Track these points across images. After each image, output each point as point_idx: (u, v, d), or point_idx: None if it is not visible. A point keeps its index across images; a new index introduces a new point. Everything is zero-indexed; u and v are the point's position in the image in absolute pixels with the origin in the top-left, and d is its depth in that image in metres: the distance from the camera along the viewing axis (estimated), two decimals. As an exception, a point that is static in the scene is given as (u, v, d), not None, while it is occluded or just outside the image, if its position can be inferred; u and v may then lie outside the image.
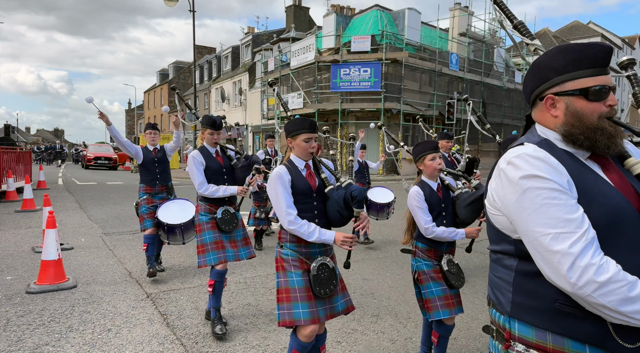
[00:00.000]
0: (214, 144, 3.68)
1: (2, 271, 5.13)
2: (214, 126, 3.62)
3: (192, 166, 3.52)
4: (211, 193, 3.54)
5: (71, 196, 12.57)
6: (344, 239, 2.40)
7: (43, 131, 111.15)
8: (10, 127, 37.75)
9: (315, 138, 2.52)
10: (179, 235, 4.63)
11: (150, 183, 5.04)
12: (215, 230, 3.57)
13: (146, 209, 4.96)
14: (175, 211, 4.68)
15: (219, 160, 3.68)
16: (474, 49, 25.11)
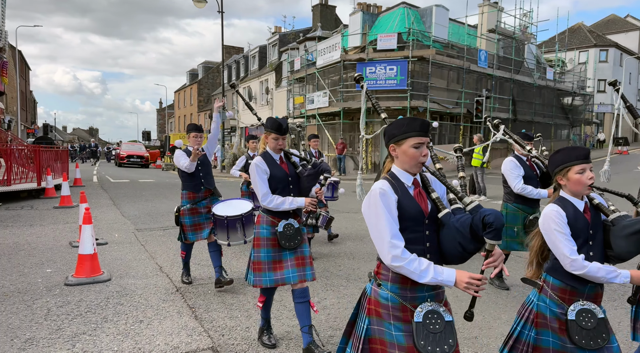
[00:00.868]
0: (278, 150, 3.28)
1: (42, 264, 5.44)
2: (279, 130, 3.23)
3: (256, 175, 3.16)
4: (276, 206, 3.16)
5: (105, 193, 13.06)
6: (469, 281, 1.77)
7: (79, 129, 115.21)
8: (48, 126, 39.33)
9: (427, 142, 1.94)
10: (240, 231, 4.34)
11: (194, 188, 4.64)
12: (276, 248, 3.20)
13: (190, 220, 4.60)
14: (230, 208, 4.43)
15: (283, 168, 3.28)
16: (504, 46, 24.59)
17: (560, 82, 28.72)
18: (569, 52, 34.21)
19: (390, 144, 1.96)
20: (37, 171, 11.77)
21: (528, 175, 4.50)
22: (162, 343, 3.37)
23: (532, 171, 4.58)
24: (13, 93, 36.33)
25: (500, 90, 23.69)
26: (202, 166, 4.66)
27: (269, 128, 3.26)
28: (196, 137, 4.64)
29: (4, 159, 10.94)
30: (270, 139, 3.27)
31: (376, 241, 1.86)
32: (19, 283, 4.70)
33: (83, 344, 3.31)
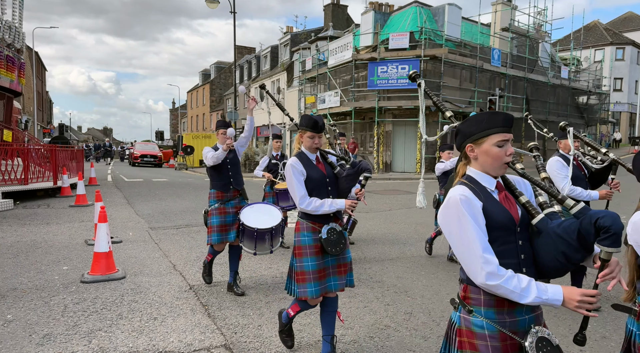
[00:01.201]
0: (314, 149, 3.06)
1: (59, 261, 5.54)
2: (315, 127, 3.02)
3: (292, 177, 2.95)
4: (315, 209, 2.95)
5: (119, 192, 13.24)
6: (581, 298, 1.51)
7: (93, 129, 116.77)
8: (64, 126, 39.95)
9: (510, 139, 1.68)
10: (268, 242, 4.20)
11: (222, 187, 4.47)
12: (319, 256, 2.99)
13: (218, 220, 4.40)
14: (259, 216, 4.26)
15: (320, 168, 3.07)
16: (517, 44, 24.33)
17: (575, 81, 28.31)
18: (585, 50, 33.72)
19: (466, 144, 1.70)
20: (54, 171, 11.97)
21: (576, 175, 4.20)
22: (176, 340, 3.41)
23: (580, 171, 4.33)
24: (30, 94, 36.98)
25: (514, 89, 23.45)
26: (232, 164, 4.50)
27: (303, 126, 3.03)
28: (224, 134, 4.44)
29: (22, 159, 11.15)
30: (306, 138, 3.04)
31: (463, 258, 1.58)
32: (37, 280, 4.79)
33: (99, 340, 3.37)
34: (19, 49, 14.84)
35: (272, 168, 6.48)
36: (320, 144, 3.06)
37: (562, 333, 3.66)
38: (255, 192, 14.01)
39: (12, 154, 11.31)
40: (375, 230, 7.88)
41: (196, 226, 8.05)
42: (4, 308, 3.96)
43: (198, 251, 6.18)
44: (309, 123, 3.02)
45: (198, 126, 52.98)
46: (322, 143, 3.09)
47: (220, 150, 4.30)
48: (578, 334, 1.66)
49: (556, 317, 4.00)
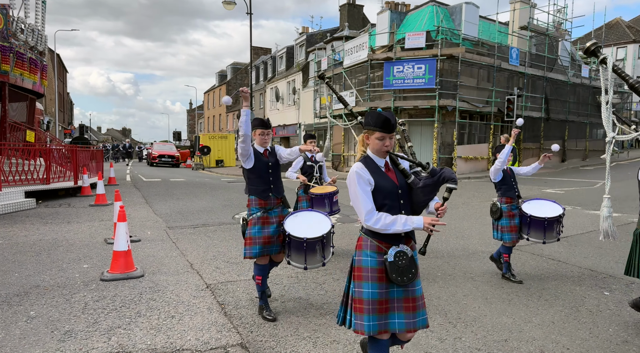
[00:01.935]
0: (384, 153, 2.51)
1: (79, 259, 5.66)
2: (386, 126, 2.44)
3: (357, 188, 2.41)
4: (384, 227, 2.39)
5: (138, 191, 13.44)
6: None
7: (112, 130, 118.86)
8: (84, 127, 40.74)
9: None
10: (319, 253, 3.71)
11: (262, 194, 3.94)
12: (383, 283, 2.43)
13: (259, 231, 3.88)
14: (306, 224, 3.81)
15: (391, 176, 2.51)
16: (536, 43, 23.94)
17: (597, 80, 27.73)
18: (606, 48, 33.01)
19: None
20: (74, 170, 12.23)
21: None
22: (193, 338, 3.46)
23: None
24: (52, 95, 37.82)
25: (533, 88, 23.08)
26: (273, 169, 3.99)
27: (370, 125, 2.48)
28: (262, 134, 3.95)
29: (44, 159, 11.41)
30: (373, 140, 2.49)
31: None
32: (58, 277, 4.90)
33: (118, 338, 3.44)
34: (41, 52, 15.19)
35: (307, 170, 5.99)
36: (391, 146, 2.50)
37: (582, 336, 3.59)
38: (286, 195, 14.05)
39: (35, 154, 11.58)
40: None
41: (212, 225, 8.13)
42: (27, 305, 4.06)
43: (215, 250, 6.24)
44: (378, 121, 2.45)
45: (215, 126, 53.48)
46: (393, 145, 2.53)
47: (242, 130, 3.79)
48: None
49: (576, 320, 3.93)
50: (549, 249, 6.40)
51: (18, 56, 13.24)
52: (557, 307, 4.22)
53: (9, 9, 12.78)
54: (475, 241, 7.03)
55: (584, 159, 26.60)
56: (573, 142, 25.80)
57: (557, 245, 6.74)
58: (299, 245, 3.66)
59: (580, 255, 6.14)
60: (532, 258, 5.94)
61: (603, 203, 3.37)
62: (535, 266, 5.63)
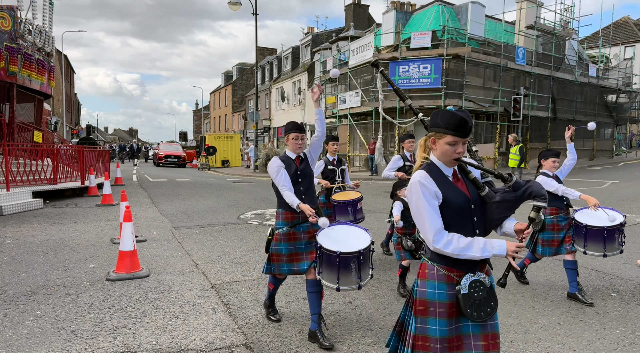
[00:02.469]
0: (454, 161, 2.05)
1: (86, 259, 5.69)
2: (462, 129, 2.00)
3: (421, 201, 1.98)
4: (458, 252, 1.94)
5: (144, 191, 13.51)
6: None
7: (119, 130, 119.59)
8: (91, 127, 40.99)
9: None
10: (354, 272, 3.17)
11: (291, 206, 3.46)
12: (453, 319, 2.00)
13: (287, 248, 3.51)
14: (341, 237, 3.34)
15: (461, 188, 2.07)
16: (543, 42, 23.78)
17: (604, 79, 27.51)
18: (614, 47, 32.72)
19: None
20: (81, 171, 12.31)
21: None
22: (198, 338, 3.47)
23: None
24: (59, 96, 38.11)
25: (539, 88, 22.95)
26: (304, 177, 3.59)
27: (440, 127, 2.03)
28: (296, 139, 3.59)
29: (51, 159, 11.50)
30: (442, 145, 2.04)
31: None
32: (65, 277, 4.94)
33: (124, 337, 3.45)
34: (48, 53, 15.31)
35: (328, 175, 5.59)
36: (463, 152, 2.04)
37: (589, 338, 3.56)
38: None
39: (42, 154, 11.67)
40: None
41: (218, 225, 8.16)
42: (33, 305, 4.10)
43: (220, 251, 6.25)
44: (452, 123, 2.00)
45: (220, 126, 53.66)
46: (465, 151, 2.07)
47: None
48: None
49: (582, 321, 3.90)
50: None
51: (26, 57, 13.36)
52: (564, 308, 4.18)
53: (17, 10, 12.90)
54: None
55: (591, 159, 26.40)
56: (580, 142, 25.60)
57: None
58: (331, 260, 3.16)
59: (588, 256, 6.09)
60: (542, 260, 5.90)
61: None
62: (541, 267, 5.60)
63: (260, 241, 6.90)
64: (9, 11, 12.63)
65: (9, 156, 9.70)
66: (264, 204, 10.99)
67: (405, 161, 5.53)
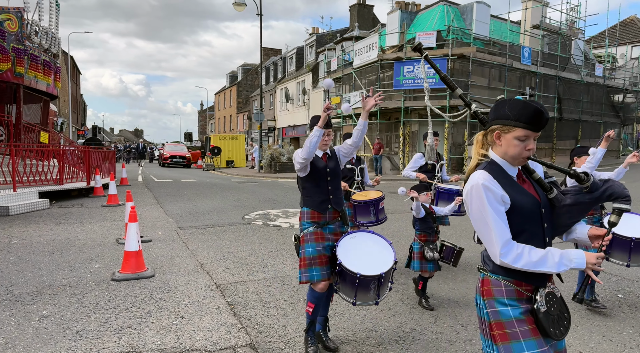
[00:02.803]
0: (523, 159, 1.78)
1: (91, 259, 5.72)
2: (536, 122, 1.71)
3: (487, 208, 1.71)
4: (531, 266, 1.69)
5: (149, 192, 13.56)
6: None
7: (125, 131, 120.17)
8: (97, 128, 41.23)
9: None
10: (373, 291, 3.06)
11: (319, 206, 3.29)
12: (541, 338, 1.73)
13: (315, 250, 3.21)
14: (363, 253, 3.15)
15: (530, 191, 1.82)
16: (549, 42, 23.67)
17: (611, 79, 27.34)
18: (621, 47, 32.50)
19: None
20: (87, 171, 12.38)
21: None
22: (203, 338, 3.47)
23: None
24: (65, 97, 38.34)
25: (545, 88, 22.84)
26: (332, 176, 3.35)
27: (509, 119, 1.73)
28: (327, 134, 3.38)
29: (57, 160, 11.57)
30: (510, 140, 1.75)
31: None
32: (71, 277, 4.96)
33: (129, 337, 3.47)
34: (55, 54, 15.41)
35: (347, 174, 5.32)
36: (533, 150, 1.76)
37: (595, 339, 3.54)
38: (289, 195, 14.14)
39: (49, 155, 11.74)
40: (401, 231, 7.81)
41: (223, 226, 8.17)
42: (40, 304, 4.12)
43: (224, 251, 6.27)
44: (525, 114, 1.71)
45: (225, 127, 53.79)
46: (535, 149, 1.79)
47: (313, 138, 3.10)
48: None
49: (589, 322, 3.88)
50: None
51: (32, 58, 13.44)
52: (569, 309, 4.15)
53: (23, 12, 12.99)
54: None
55: (597, 159, 26.21)
56: (586, 142, 25.42)
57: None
58: (350, 279, 3.02)
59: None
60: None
61: None
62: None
63: (264, 241, 6.90)
64: (16, 13, 12.73)
65: (16, 157, 9.76)
66: (269, 205, 11.00)
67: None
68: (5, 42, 12.34)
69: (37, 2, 14.04)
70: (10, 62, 12.58)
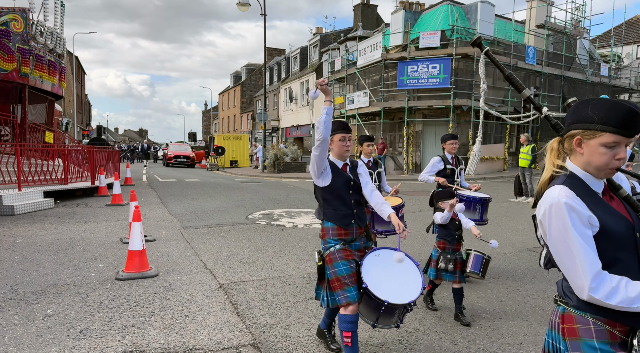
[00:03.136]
0: (610, 171, 1.50)
1: (96, 259, 5.74)
2: (629, 126, 1.43)
3: (571, 232, 1.42)
4: (629, 303, 1.38)
5: (154, 191, 13.60)
6: None
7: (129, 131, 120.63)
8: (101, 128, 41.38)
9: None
10: (397, 316, 2.90)
11: (343, 221, 2.98)
12: None
13: (347, 268, 2.88)
14: (388, 274, 2.89)
15: (620, 211, 1.52)
16: (554, 41, 23.57)
17: (616, 79, 27.19)
18: (626, 46, 32.32)
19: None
20: (91, 171, 12.43)
21: None
22: (206, 338, 3.48)
23: None
24: (70, 97, 38.52)
25: (550, 87, 22.74)
26: (354, 188, 3.04)
27: (594, 122, 1.46)
28: (344, 140, 3.04)
29: (62, 160, 11.62)
30: (596, 147, 1.47)
31: None
32: (75, 276, 4.98)
33: (132, 336, 3.47)
34: (60, 54, 15.48)
35: None
36: (625, 160, 1.46)
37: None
38: (296, 194, 14.16)
39: (54, 155, 11.80)
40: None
41: (226, 225, 8.18)
42: (44, 303, 4.14)
43: (228, 250, 6.27)
44: (614, 115, 1.43)
45: (229, 127, 53.89)
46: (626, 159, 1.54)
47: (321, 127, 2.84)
48: None
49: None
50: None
51: (37, 58, 13.51)
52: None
53: (29, 12, 13.06)
54: (490, 243, 6.93)
55: (603, 159, 26.11)
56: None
57: None
58: (375, 305, 2.78)
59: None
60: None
61: None
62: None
63: (268, 241, 6.90)
64: (21, 13, 12.79)
65: (21, 156, 9.81)
66: (272, 205, 11.01)
67: (446, 163, 4.99)
68: (10, 43, 12.41)
69: (42, 2, 14.11)
70: (15, 62, 12.65)
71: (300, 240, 7.00)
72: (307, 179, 19.68)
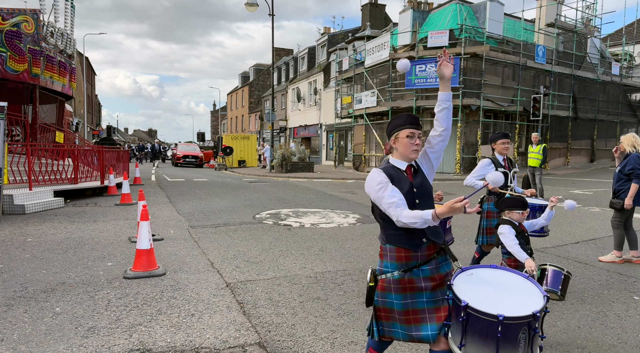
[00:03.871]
0: None
1: (104, 257, 5.79)
2: None
3: None
4: None
5: (162, 191, 13.69)
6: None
7: (139, 131, 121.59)
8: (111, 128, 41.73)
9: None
10: (523, 347, 2.00)
11: (408, 242, 2.32)
12: None
13: (400, 303, 2.32)
14: (491, 288, 2.20)
15: None
16: (564, 40, 23.33)
17: (628, 78, 26.85)
18: (638, 45, 31.90)
19: None
20: (101, 171, 12.55)
21: None
22: (212, 336, 3.49)
23: None
24: (80, 97, 38.91)
25: (560, 87, 22.52)
26: (421, 197, 2.36)
27: None
28: (412, 137, 2.39)
29: (72, 159, 11.74)
30: None
31: None
32: (83, 275, 5.03)
33: (139, 335, 3.49)
34: (70, 55, 15.64)
35: None
36: None
37: (610, 342, 3.47)
38: (310, 197, 14.19)
39: (64, 155, 11.92)
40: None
41: (234, 225, 8.21)
42: (53, 301, 4.18)
43: (235, 250, 6.29)
44: None
45: (237, 127, 54.08)
46: None
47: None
48: None
49: (603, 325, 3.80)
50: (576, 251, 6.21)
51: (48, 59, 13.67)
52: (584, 311, 4.09)
53: (39, 13, 13.21)
54: (498, 243, 6.87)
55: (613, 159, 25.80)
56: (602, 142, 25.07)
57: (584, 247, 6.57)
58: (486, 329, 2.00)
59: (607, 259, 5.94)
60: (558, 261, 5.77)
61: None
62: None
63: (275, 240, 6.92)
64: (32, 14, 12.95)
65: (32, 156, 9.93)
66: (280, 204, 11.02)
67: (497, 166, 4.47)
68: (21, 44, 12.57)
69: (52, 3, 14.27)
70: (26, 63, 12.81)
71: (307, 240, 7.01)
72: (315, 179, 19.69)
